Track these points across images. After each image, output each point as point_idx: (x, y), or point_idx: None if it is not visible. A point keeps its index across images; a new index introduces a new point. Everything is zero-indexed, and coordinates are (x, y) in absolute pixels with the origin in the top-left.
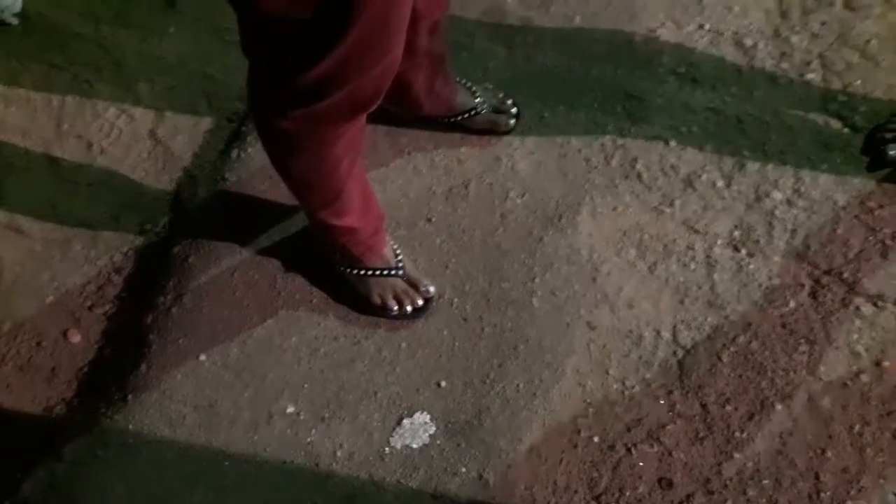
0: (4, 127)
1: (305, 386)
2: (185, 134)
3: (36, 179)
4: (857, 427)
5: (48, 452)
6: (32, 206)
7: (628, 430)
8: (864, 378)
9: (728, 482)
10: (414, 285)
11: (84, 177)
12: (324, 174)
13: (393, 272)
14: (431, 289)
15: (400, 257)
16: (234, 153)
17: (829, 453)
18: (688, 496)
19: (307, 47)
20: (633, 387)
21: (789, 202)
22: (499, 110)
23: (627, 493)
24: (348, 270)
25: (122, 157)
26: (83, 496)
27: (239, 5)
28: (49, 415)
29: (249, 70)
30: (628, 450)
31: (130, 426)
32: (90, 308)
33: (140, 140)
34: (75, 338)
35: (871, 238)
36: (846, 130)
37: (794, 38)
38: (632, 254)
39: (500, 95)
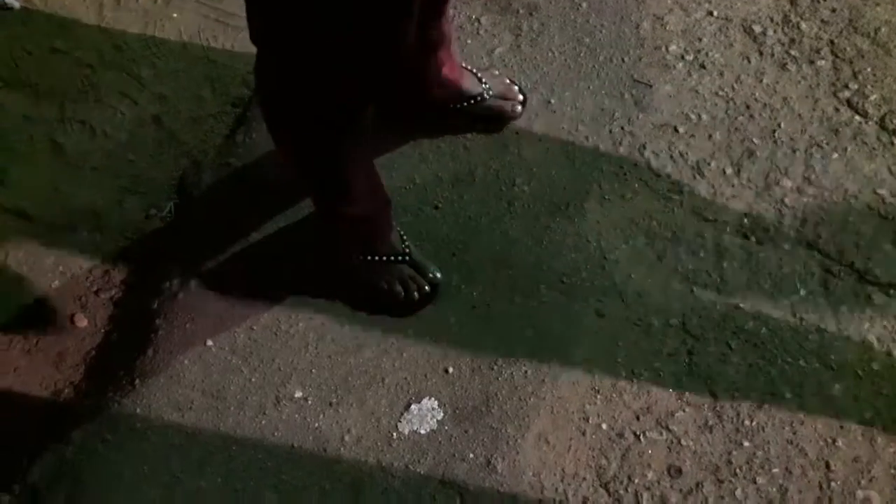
0: (7, 112)
1: (313, 371)
2: (189, 119)
3: (40, 165)
4: (868, 416)
5: (56, 437)
6: (37, 192)
7: (637, 417)
8: (876, 367)
9: (738, 470)
10: (421, 271)
11: (88, 162)
12: (331, 162)
13: (400, 258)
14: (438, 275)
15: (407, 243)
16: (240, 138)
17: (839, 443)
18: (697, 484)
19: (318, 34)
20: (641, 374)
21: (799, 190)
22: (505, 97)
23: (636, 481)
24: (355, 256)
25: (127, 142)
26: (91, 480)
27: None
28: (57, 399)
29: (258, 58)
30: (637, 437)
31: (138, 410)
32: (96, 293)
33: (144, 125)
34: (82, 322)
35: (882, 226)
36: (857, 118)
37: (804, 25)
38: (640, 241)
39: (507, 82)
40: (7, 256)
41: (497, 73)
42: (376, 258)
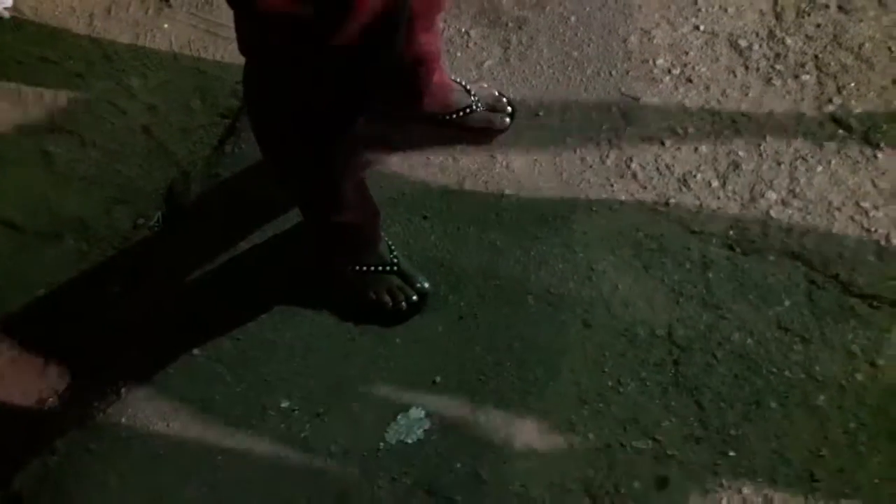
0: None
1: (300, 381)
2: (179, 129)
3: (28, 173)
4: (852, 427)
5: (40, 446)
6: (25, 201)
7: (624, 428)
8: (860, 377)
9: (723, 481)
10: (409, 281)
11: (77, 171)
12: (319, 172)
13: (388, 268)
14: (426, 285)
15: (395, 254)
16: (228, 149)
17: (824, 452)
18: (683, 494)
19: (304, 46)
20: (627, 384)
21: (784, 202)
22: (494, 109)
23: (623, 491)
24: (343, 266)
25: (116, 152)
26: (76, 489)
27: (236, 4)
28: (42, 407)
29: (246, 68)
30: (623, 447)
31: (124, 420)
32: (83, 302)
33: (133, 135)
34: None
35: (865, 238)
36: (841, 132)
37: (789, 40)
38: (627, 253)
39: (496, 94)
40: None
41: (486, 85)
42: (364, 268)
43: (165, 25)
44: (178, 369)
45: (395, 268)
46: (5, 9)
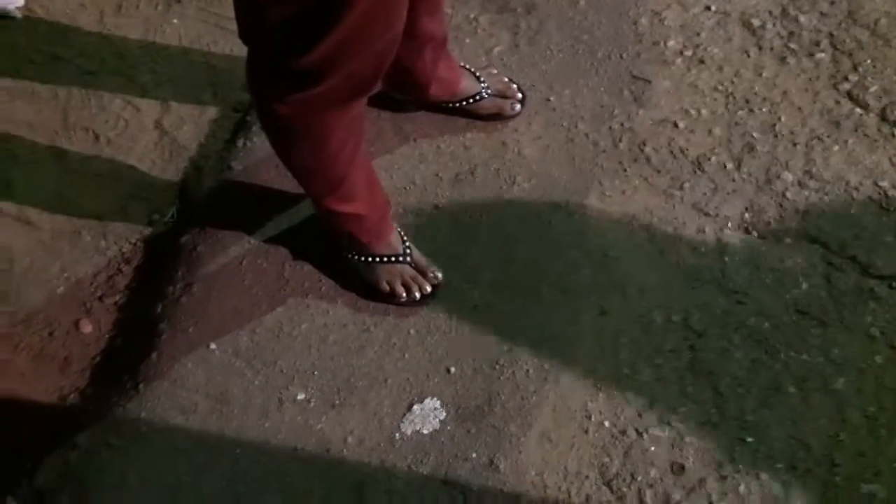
0: (10, 120)
1: (315, 373)
2: (191, 124)
3: (43, 171)
4: (872, 410)
5: (61, 441)
6: (40, 198)
7: (640, 414)
8: (879, 360)
9: (741, 466)
10: (422, 271)
11: (91, 168)
12: (325, 160)
13: (400, 258)
14: (439, 275)
15: (407, 243)
16: (240, 142)
17: (843, 437)
18: (700, 480)
19: (304, 31)
20: (643, 371)
21: (800, 183)
22: (504, 95)
23: (639, 478)
24: (356, 258)
25: (129, 148)
26: (96, 484)
27: None
28: (62, 404)
29: (248, 56)
30: (640, 434)
31: (143, 414)
32: (101, 298)
33: (146, 131)
34: (87, 328)
35: (884, 219)
36: (857, 110)
37: (803, 18)
38: (642, 238)
39: (505, 80)
40: (12, 263)
41: (495, 71)
42: (377, 259)
43: (175, 21)
44: (196, 363)
45: (408, 258)
46: (17, 8)
